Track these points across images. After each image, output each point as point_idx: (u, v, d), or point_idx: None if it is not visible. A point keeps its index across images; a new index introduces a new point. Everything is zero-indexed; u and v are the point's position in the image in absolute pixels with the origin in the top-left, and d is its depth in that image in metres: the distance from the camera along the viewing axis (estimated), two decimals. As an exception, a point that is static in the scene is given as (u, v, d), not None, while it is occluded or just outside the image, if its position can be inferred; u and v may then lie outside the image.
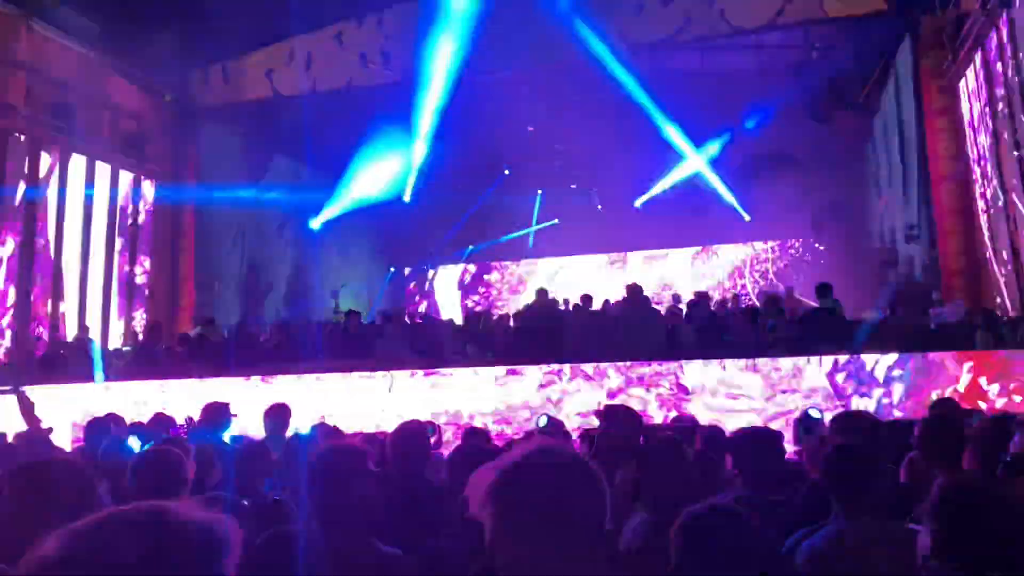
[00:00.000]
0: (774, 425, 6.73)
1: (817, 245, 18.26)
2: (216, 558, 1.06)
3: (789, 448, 5.33)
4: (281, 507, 3.43)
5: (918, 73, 12.11)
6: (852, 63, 13.69)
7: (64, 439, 7.83)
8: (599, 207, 18.79)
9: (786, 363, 7.67)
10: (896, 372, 7.47)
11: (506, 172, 17.36)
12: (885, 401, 7.42)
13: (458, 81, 14.86)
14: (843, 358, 7.65)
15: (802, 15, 12.45)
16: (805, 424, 5.92)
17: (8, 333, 12.48)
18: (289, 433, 5.71)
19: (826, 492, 2.84)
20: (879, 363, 7.51)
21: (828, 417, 5.50)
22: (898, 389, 7.43)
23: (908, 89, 12.59)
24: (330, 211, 17.75)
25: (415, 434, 3.83)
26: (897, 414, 7.23)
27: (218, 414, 5.49)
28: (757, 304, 13.74)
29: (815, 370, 7.60)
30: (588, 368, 8.14)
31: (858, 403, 7.32)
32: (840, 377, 7.56)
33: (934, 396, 6.87)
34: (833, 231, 17.74)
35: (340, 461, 2.56)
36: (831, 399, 7.38)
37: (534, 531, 1.37)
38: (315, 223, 17.76)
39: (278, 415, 5.63)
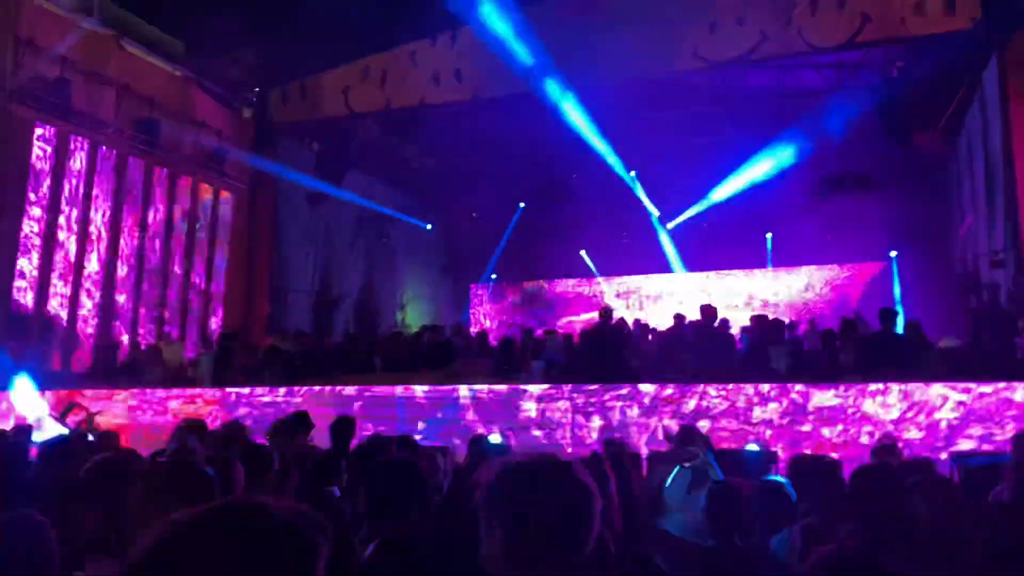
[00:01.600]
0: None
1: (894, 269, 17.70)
2: (311, 553, 1.08)
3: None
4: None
5: (1005, 93, 11.66)
6: (934, 82, 13.29)
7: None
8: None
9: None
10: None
11: (573, 178, 17.30)
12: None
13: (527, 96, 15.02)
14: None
15: (882, 33, 12.13)
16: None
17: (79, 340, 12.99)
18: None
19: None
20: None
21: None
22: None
23: (995, 109, 12.14)
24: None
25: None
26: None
27: (344, 428, 5.56)
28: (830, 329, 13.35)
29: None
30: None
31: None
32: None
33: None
34: (912, 255, 17.20)
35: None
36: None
37: (516, 534, 1.48)
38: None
39: (344, 428, 5.71)
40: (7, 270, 11.78)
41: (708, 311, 9.93)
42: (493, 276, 21.20)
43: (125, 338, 13.52)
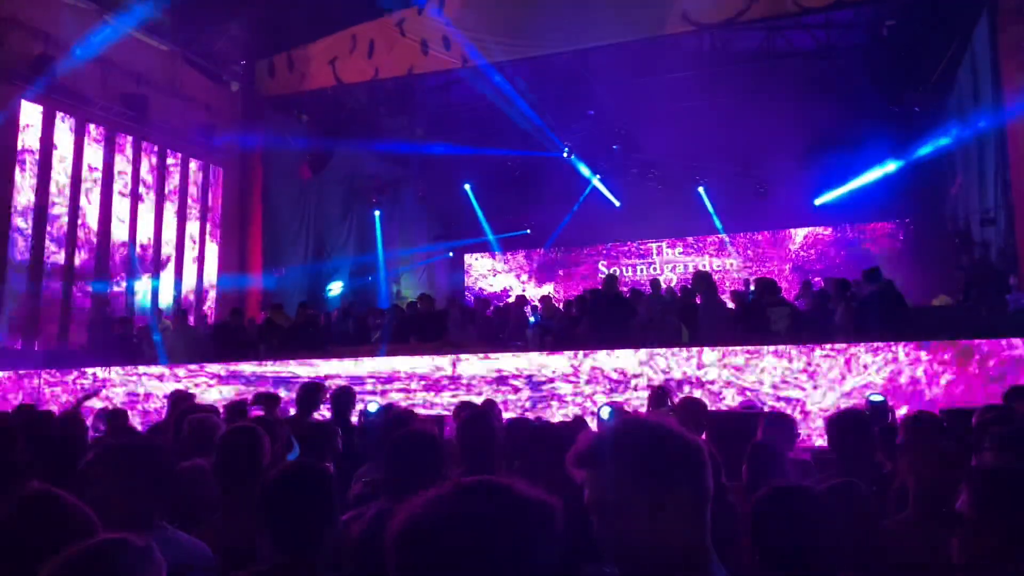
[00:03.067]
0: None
1: (887, 228, 17.75)
2: (552, 535, 1.12)
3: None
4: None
5: (996, 50, 11.61)
6: (925, 40, 13.22)
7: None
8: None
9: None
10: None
11: (565, 154, 17.26)
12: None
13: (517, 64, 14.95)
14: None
15: (872, -8, 12.07)
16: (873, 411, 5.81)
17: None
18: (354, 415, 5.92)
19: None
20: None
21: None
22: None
23: (986, 67, 12.10)
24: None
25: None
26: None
27: (313, 393, 5.67)
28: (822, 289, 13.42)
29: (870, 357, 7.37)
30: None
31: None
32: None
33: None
34: (903, 214, 17.25)
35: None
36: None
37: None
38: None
39: (344, 398, 5.82)
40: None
41: (702, 277, 9.96)
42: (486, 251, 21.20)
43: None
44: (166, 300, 14.47)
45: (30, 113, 12.30)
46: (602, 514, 1.41)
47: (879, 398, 6.29)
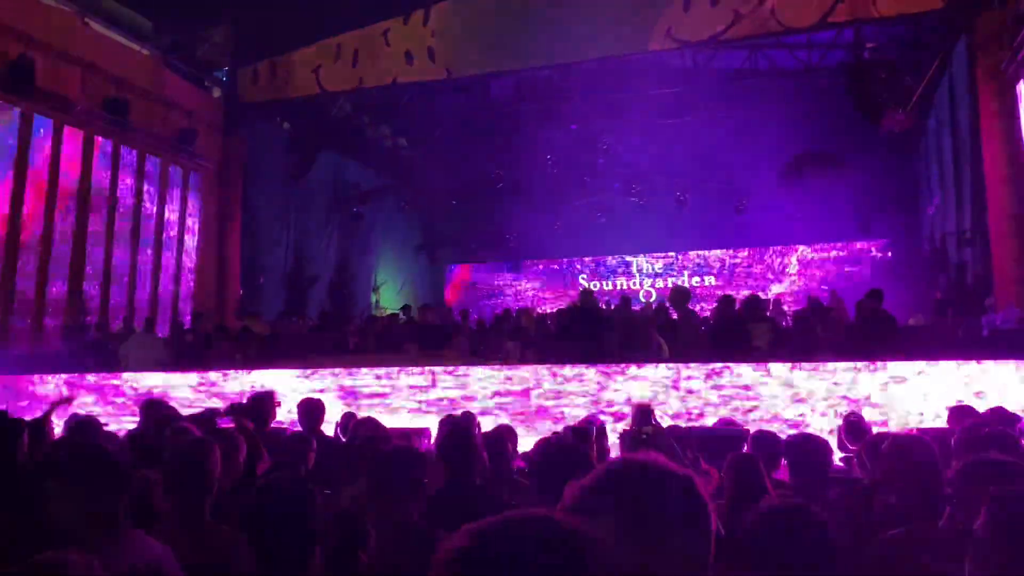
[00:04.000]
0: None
1: (865, 248, 17.93)
2: (590, 568, 1.07)
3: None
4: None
5: (974, 73, 11.79)
6: (905, 62, 13.41)
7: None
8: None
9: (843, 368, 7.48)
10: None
11: (548, 159, 17.28)
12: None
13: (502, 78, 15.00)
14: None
15: (854, 14, 12.20)
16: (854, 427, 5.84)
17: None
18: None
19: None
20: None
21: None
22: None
23: (963, 88, 12.30)
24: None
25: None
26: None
27: (265, 403, 5.62)
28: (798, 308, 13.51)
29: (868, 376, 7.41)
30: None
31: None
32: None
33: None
34: (881, 234, 17.43)
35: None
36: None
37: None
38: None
39: (312, 410, 5.79)
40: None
41: (680, 293, 10.00)
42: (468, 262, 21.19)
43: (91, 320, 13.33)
44: (141, 306, 14.29)
45: (6, 115, 12.13)
46: None
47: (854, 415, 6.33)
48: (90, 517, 2.21)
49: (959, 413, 5.22)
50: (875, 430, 6.28)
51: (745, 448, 6.45)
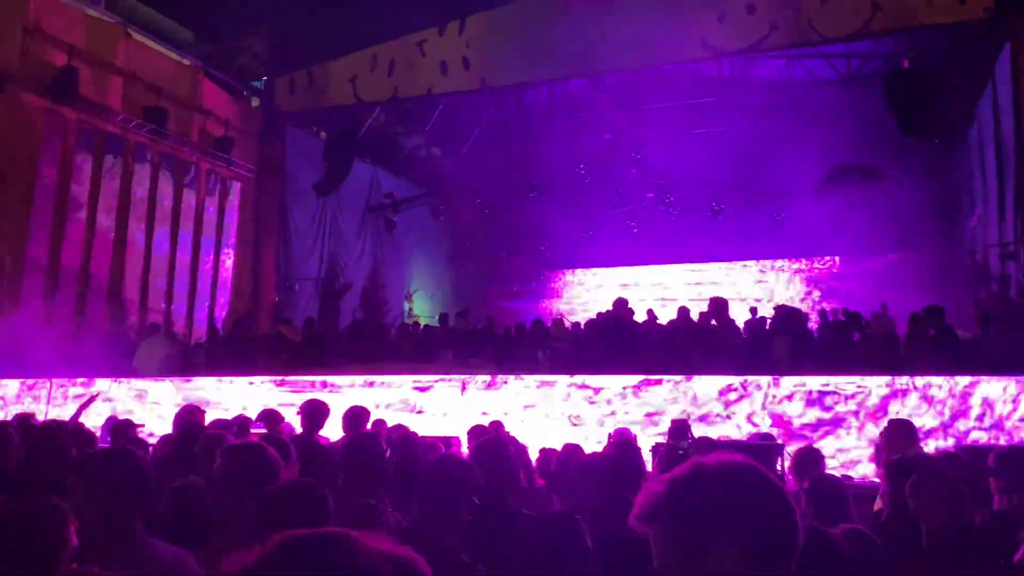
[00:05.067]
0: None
1: (903, 259, 17.58)
2: None
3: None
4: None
5: (1018, 81, 11.54)
6: (946, 72, 13.17)
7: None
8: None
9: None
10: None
11: (582, 171, 17.23)
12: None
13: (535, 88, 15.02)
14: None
15: (893, 23, 12.01)
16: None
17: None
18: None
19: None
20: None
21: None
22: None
23: (1007, 98, 12.02)
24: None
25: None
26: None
27: (319, 411, 5.60)
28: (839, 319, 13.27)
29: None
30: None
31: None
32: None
33: None
34: (921, 246, 17.09)
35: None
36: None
37: (720, 548, 1.24)
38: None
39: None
40: (18, 258, 11.83)
41: (718, 303, 9.90)
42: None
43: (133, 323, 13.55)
44: (179, 312, 14.51)
45: (53, 124, 12.41)
46: None
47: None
48: (108, 522, 2.21)
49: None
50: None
51: (781, 462, 6.37)
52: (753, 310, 13.43)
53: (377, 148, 16.87)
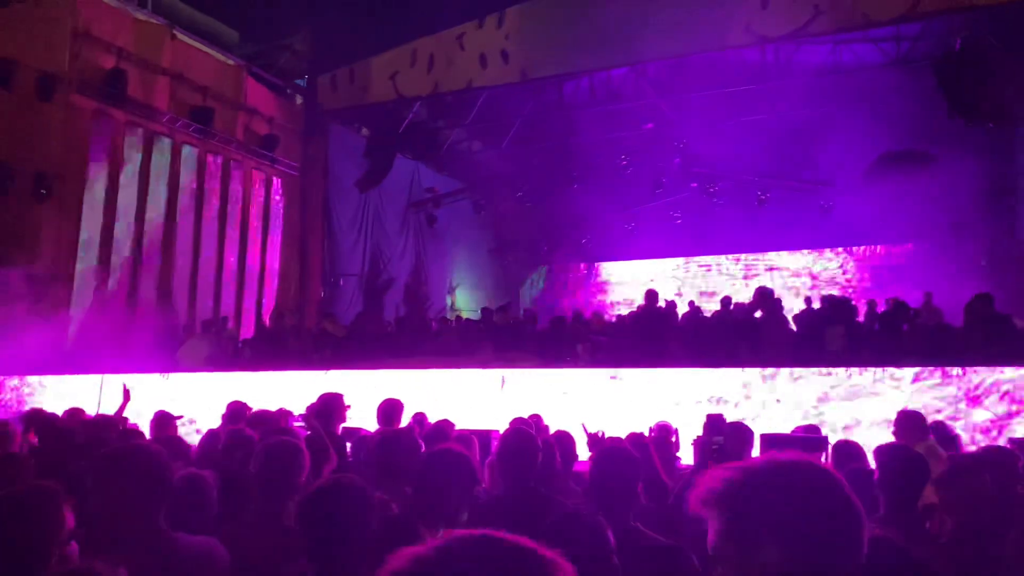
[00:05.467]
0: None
1: (956, 247, 17.07)
2: None
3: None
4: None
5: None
6: (999, 53, 12.72)
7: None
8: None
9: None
10: None
11: (623, 161, 17.07)
12: None
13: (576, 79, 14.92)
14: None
15: (943, 4, 11.65)
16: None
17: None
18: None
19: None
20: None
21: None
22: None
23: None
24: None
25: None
26: None
27: (333, 405, 5.64)
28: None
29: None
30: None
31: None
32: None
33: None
34: (974, 233, 16.57)
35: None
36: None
37: (765, 544, 1.26)
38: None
39: (391, 410, 5.79)
40: (70, 257, 12.17)
41: (764, 293, 9.73)
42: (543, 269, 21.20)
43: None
44: (227, 308, 14.77)
45: (102, 125, 12.72)
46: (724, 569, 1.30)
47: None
48: (131, 516, 2.24)
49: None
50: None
51: (824, 456, 6.23)
52: (808, 300, 13.16)
53: (418, 143, 16.94)
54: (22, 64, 11.35)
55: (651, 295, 9.62)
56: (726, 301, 11.11)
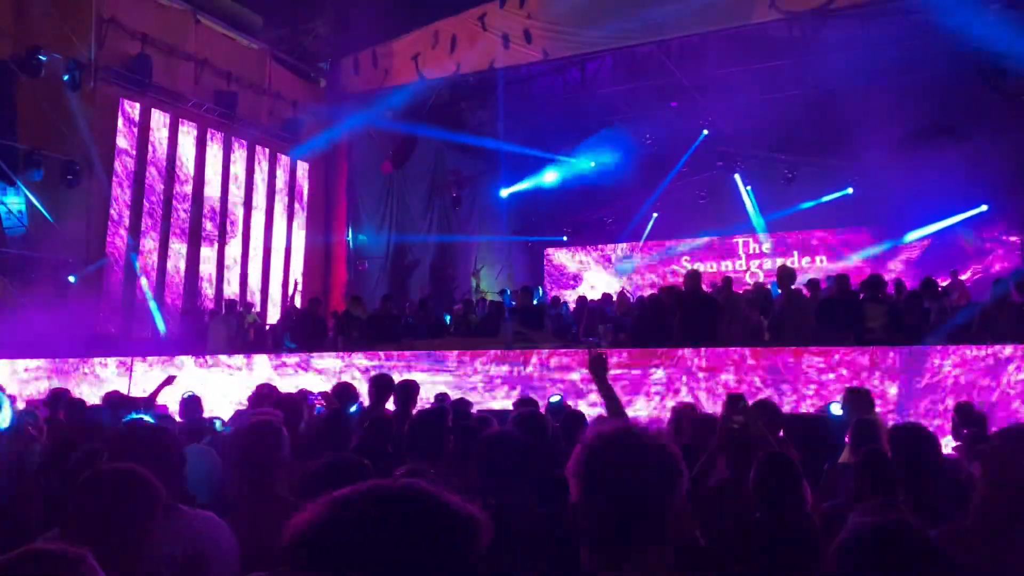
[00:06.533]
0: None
1: (991, 226, 16.74)
2: (470, 545, 1.05)
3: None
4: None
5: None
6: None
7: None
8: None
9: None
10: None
11: (648, 140, 16.94)
12: None
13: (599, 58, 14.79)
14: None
15: (976, -26, 11.37)
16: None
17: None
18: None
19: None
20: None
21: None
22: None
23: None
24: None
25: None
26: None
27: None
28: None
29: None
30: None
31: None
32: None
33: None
34: (1010, 212, 16.24)
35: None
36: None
37: (607, 507, 1.54)
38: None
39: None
40: (99, 243, 12.36)
41: (786, 272, 9.61)
42: (564, 238, 21.12)
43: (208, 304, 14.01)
44: (254, 291, 14.95)
45: (129, 111, 12.86)
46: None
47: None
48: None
49: None
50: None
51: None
52: (824, 278, 12.97)
53: (441, 125, 16.91)
54: (49, 53, 11.50)
55: (693, 276, 9.41)
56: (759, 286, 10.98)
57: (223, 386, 9.29)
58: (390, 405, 5.75)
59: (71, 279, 11.76)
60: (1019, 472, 2.53)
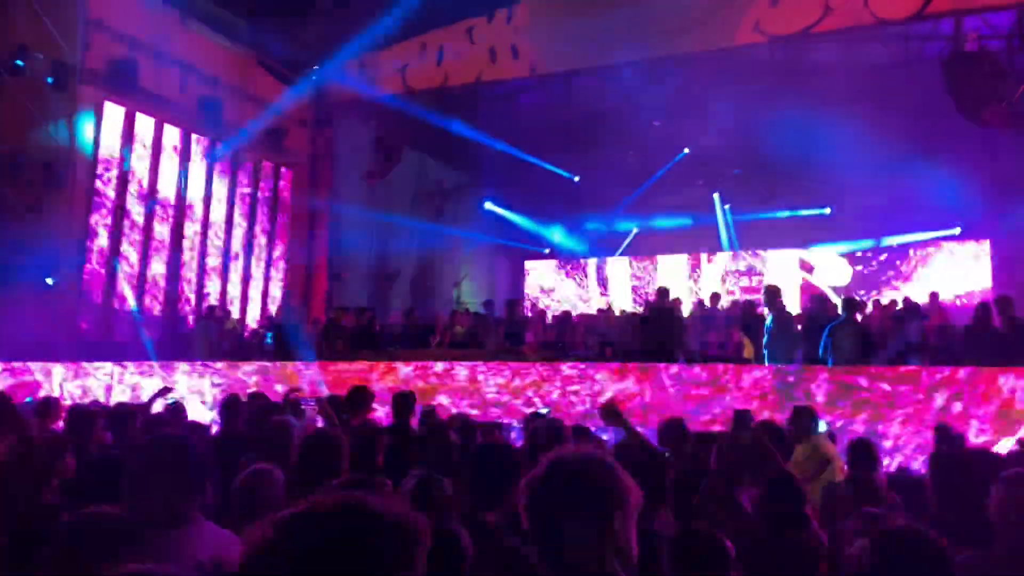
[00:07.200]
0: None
1: (965, 247, 17.08)
2: (411, 553, 1.09)
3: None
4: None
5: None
6: (1010, 53, 12.73)
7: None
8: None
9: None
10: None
11: (630, 156, 17.13)
12: None
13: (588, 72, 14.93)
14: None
15: (954, 4, 11.65)
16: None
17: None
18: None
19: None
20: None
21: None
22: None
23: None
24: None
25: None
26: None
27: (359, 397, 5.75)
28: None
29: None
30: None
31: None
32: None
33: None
34: (983, 233, 16.60)
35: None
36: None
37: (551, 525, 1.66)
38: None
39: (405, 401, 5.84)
40: (80, 248, 12.22)
41: (772, 291, 9.76)
42: (547, 251, 21.21)
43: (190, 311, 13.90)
44: (233, 298, 14.84)
45: (112, 115, 12.75)
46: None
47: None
48: (162, 509, 2.29)
49: None
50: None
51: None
52: (808, 298, 13.18)
53: (426, 136, 16.93)
54: (33, 52, 11.38)
55: (661, 292, 9.61)
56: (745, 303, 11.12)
57: (206, 393, 9.22)
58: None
59: (49, 281, 11.60)
60: None
